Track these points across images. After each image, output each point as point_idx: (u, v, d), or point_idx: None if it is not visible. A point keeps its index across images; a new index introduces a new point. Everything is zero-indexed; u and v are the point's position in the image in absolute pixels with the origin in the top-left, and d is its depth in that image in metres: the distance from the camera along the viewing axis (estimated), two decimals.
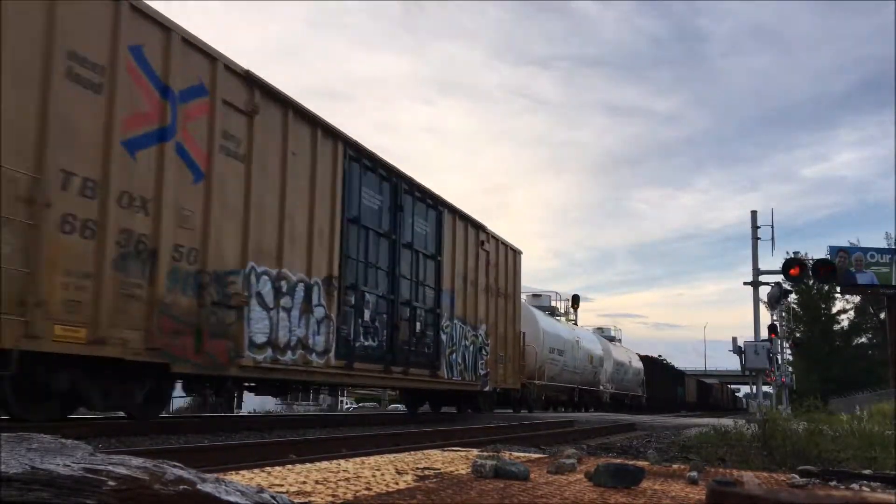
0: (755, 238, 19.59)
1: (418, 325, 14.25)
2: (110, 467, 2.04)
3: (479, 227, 17.16)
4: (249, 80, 9.46)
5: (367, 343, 12.29)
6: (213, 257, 8.72)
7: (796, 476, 4.42)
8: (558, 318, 31.41)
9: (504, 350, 18.92)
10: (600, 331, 40.53)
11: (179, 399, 27.83)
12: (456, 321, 15.78)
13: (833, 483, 4.31)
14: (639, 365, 41.65)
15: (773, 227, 19.85)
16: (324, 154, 11.08)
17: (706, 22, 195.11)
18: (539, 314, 26.26)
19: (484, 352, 17.47)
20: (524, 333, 21.34)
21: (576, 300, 37.59)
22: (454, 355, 15.73)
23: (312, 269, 10.71)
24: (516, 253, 19.92)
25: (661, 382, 46.23)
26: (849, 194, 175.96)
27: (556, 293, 34.34)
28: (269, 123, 9.80)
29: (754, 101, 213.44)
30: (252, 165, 9.40)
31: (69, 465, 2.01)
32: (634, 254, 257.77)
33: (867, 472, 4.87)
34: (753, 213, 20.00)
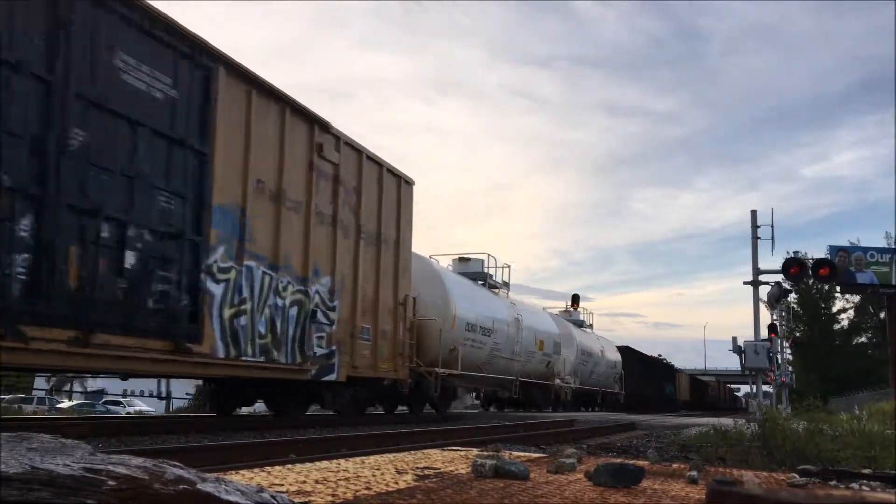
0: (755, 238, 19.56)
1: (132, 256, 7.80)
2: (110, 467, 2.04)
3: (316, 123, 11.26)
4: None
5: None
6: None
7: (796, 475, 4.43)
8: (495, 289, 21.60)
9: (375, 322, 12.83)
10: (567, 314, 31.64)
11: (179, 400, 27.85)
12: (252, 263, 9.74)
13: (833, 482, 4.31)
14: (615, 356, 34.59)
15: (772, 226, 19.82)
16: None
17: (706, 21, 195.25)
18: (452, 277, 18.20)
19: (325, 319, 11.41)
20: (415, 300, 14.84)
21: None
22: (243, 318, 9.51)
23: None
24: (404, 182, 14.17)
25: (645, 378, 40.10)
26: (849, 194, 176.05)
27: (492, 256, 21.74)
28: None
29: (754, 101, 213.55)
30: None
31: (69, 465, 2.01)
32: (634, 253, 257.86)
33: (867, 471, 4.87)
34: (753, 213, 19.98)
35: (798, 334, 52.50)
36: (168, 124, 8.32)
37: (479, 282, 20.82)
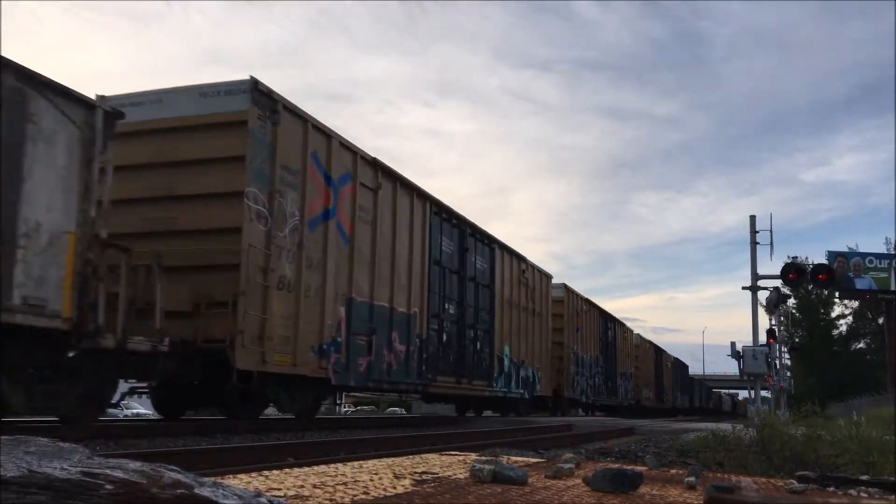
0: (754, 243, 19.58)
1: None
2: (108, 471, 2.04)
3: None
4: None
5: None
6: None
7: (794, 481, 4.42)
8: None
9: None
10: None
11: None
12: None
13: (831, 488, 4.31)
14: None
15: (771, 231, 19.84)
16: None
17: (707, 25, 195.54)
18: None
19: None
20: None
21: None
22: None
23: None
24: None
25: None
26: (849, 199, 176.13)
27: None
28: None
29: (755, 105, 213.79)
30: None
31: (66, 469, 2.01)
32: (634, 257, 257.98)
33: (865, 477, 4.87)
34: (752, 218, 20.00)
35: (797, 339, 52.52)
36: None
37: None
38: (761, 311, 23.35)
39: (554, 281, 24.62)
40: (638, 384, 38.12)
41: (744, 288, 19.81)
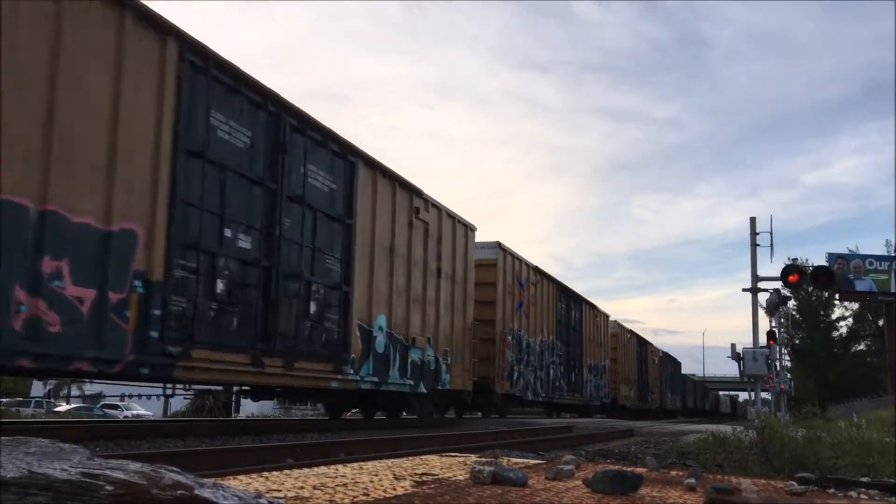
0: (754, 245, 19.59)
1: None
2: (108, 472, 2.04)
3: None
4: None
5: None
6: None
7: (794, 483, 4.42)
8: None
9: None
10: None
11: (177, 402, 27.84)
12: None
13: (831, 490, 4.31)
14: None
15: (771, 233, 19.87)
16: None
17: (707, 27, 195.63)
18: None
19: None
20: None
21: None
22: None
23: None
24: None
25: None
26: (849, 201, 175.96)
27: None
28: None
29: (755, 108, 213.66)
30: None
31: (67, 470, 2.01)
32: (634, 259, 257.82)
33: (865, 479, 4.87)
34: (752, 220, 20.02)
35: (797, 341, 52.54)
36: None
37: None
38: (761, 313, 23.37)
39: (486, 239, 18.35)
40: (615, 380, 31.71)
41: (744, 290, 19.84)
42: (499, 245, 18.74)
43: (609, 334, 31.23)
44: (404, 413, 15.60)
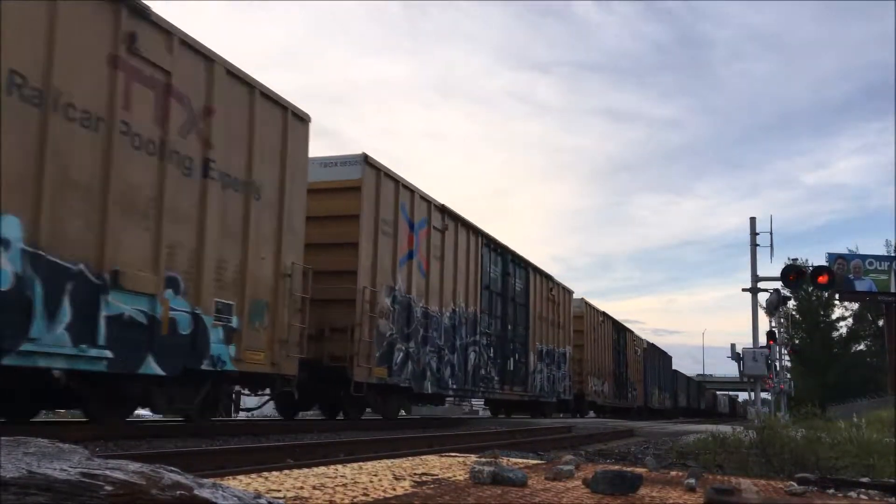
0: (753, 245, 19.59)
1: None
2: (107, 472, 2.04)
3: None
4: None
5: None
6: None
7: (794, 483, 4.42)
8: None
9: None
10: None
11: None
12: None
13: (831, 491, 4.31)
14: None
15: (771, 233, 19.86)
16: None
17: (708, 27, 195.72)
18: None
19: None
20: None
21: None
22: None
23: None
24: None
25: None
26: (849, 201, 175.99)
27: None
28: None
29: (755, 108, 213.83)
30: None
31: (66, 470, 2.01)
32: (634, 259, 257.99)
33: (865, 479, 4.87)
34: (752, 220, 20.01)
35: (797, 341, 52.49)
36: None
37: None
38: (761, 313, 23.32)
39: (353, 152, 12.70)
40: (580, 372, 26.02)
41: (744, 290, 19.83)
42: (366, 160, 12.41)
43: (571, 315, 24.69)
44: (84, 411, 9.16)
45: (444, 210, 15.37)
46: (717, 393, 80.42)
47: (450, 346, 15.56)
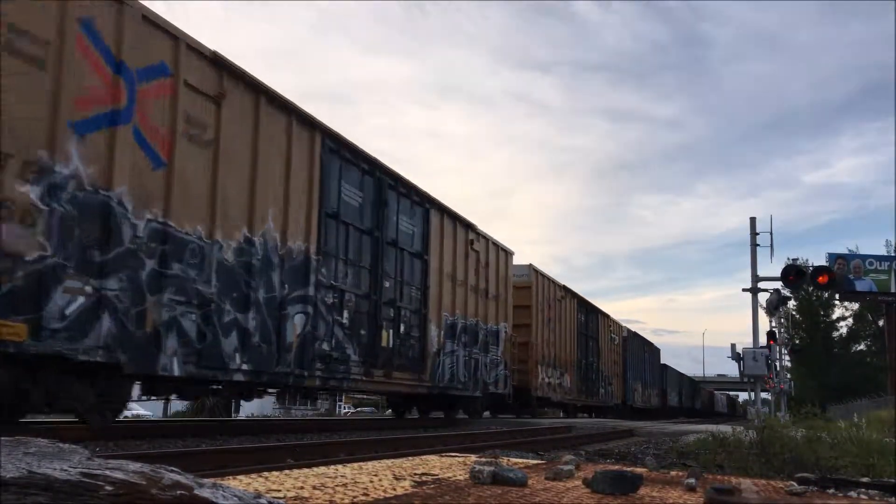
0: (754, 245, 19.58)
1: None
2: (108, 472, 2.04)
3: (469, 227, 16.41)
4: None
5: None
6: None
7: (794, 483, 4.42)
8: None
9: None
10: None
11: (178, 402, 27.82)
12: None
13: (831, 490, 4.31)
14: None
15: (771, 233, 19.86)
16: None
17: (708, 27, 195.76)
18: None
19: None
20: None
21: None
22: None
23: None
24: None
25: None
26: (849, 201, 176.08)
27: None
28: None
29: (755, 107, 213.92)
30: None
31: (66, 470, 2.01)
32: (635, 259, 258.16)
33: (865, 479, 4.87)
34: (752, 220, 20.00)
35: (797, 341, 52.49)
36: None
37: None
38: (761, 313, 23.33)
39: None
40: (526, 358, 20.27)
41: (744, 290, 19.82)
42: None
43: (509, 282, 18.89)
44: None
45: (216, 60, 8.76)
46: (715, 392, 77.73)
47: (238, 299, 9.00)
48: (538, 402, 21.79)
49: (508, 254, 19.08)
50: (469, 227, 16.45)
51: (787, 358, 34.12)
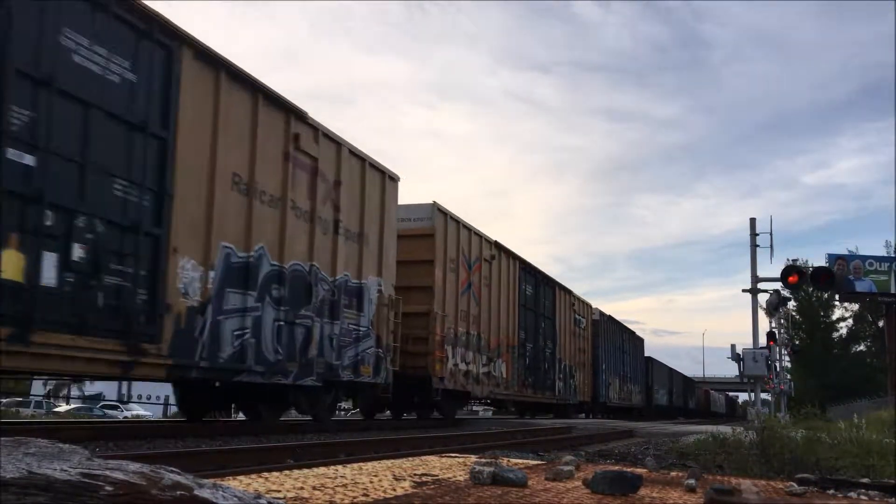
0: (753, 245, 19.58)
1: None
2: (108, 472, 2.04)
3: (292, 112, 10.41)
4: (496, 245, 18.51)
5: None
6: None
7: (794, 484, 4.42)
8: None
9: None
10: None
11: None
12: None
13: (831, 491, 4.31)
14: None
15: (771, 234, 19.85)
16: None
17: (708, 27, 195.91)
18: None
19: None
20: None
21: None
22: None
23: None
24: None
25: None
26: (849, 201, 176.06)
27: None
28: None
29: (756, 108, 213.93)
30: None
31: (66, 470, 2.01)
32: (635, 260, 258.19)
33: (865, 480, 4.87)
34: (752, 221, 20.00)
35: (797, 342, 52.45)
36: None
37: None
38: (761, 314, 23.36)
39: None
40: (426, 336, 14.34)
41: (744, 290, 19.83)
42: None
43: (389, 217, 13.10)
44: None
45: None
46: (711, 391, 71.38)
47: None
48: (450, 396, 15.51)
49: (389, 178, 13.21)
50: (292, 112, 10.45)
51: (787, 358, 34.09)
